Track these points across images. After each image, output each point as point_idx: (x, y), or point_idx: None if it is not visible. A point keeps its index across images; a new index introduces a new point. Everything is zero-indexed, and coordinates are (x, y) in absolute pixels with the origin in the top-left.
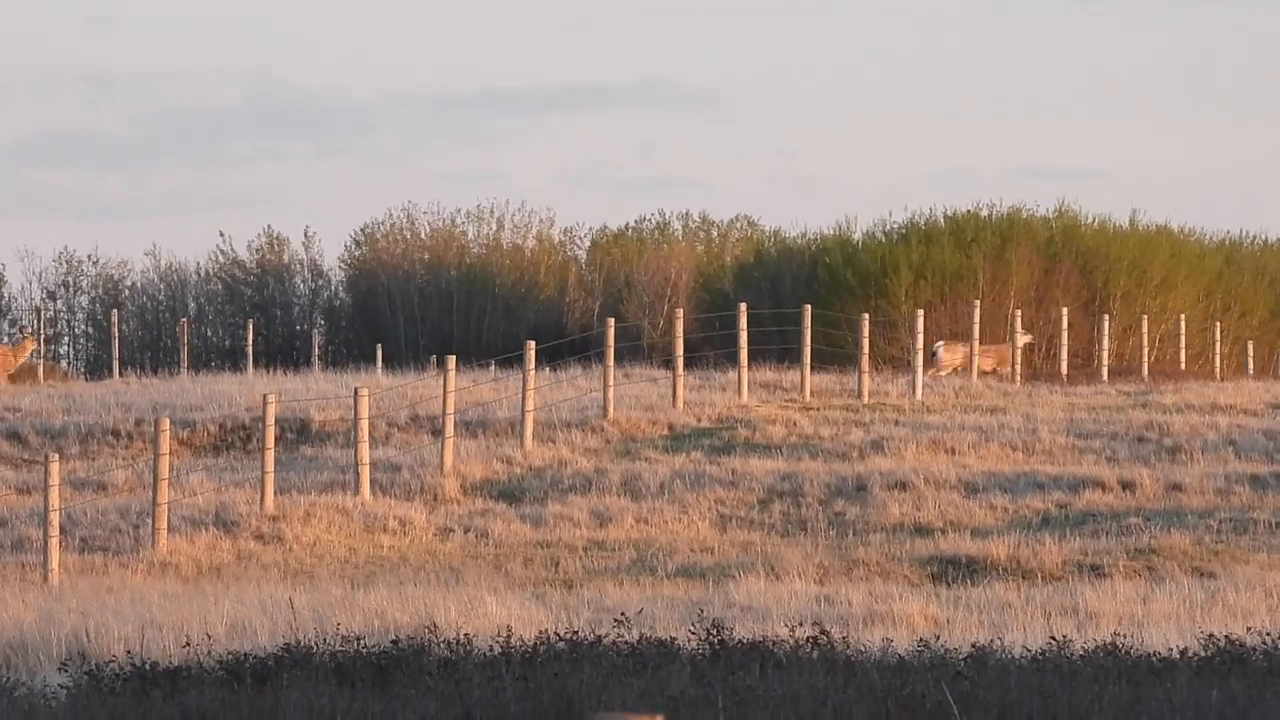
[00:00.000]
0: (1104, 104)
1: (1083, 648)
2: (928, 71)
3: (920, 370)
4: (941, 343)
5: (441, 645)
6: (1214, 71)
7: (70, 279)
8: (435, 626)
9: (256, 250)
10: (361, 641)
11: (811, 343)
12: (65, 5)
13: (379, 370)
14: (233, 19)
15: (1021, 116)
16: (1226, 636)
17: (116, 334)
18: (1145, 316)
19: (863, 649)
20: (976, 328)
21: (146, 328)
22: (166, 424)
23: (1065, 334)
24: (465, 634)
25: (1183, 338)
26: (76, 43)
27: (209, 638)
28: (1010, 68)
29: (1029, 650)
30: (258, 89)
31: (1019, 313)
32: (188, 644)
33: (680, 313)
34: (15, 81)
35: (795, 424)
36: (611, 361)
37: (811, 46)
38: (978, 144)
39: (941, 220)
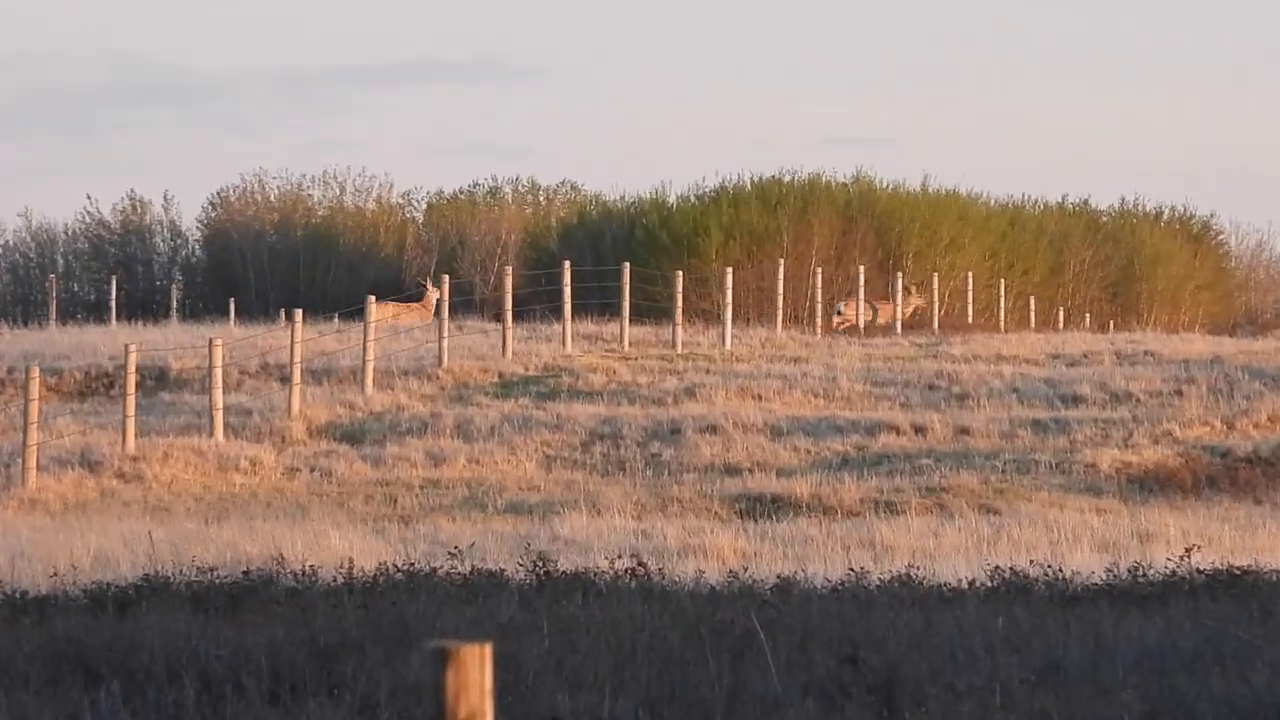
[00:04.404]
0: (899, 75)
1: (879, 578)
2: (733, 45)
3: (729, 323)
4: None
5: (289, 576)
6: (1003, 42)
7: None
8: (283, 558)
9: (120, 212)
10: (215, 572)
11: (630, 298)
12: None
13: (232, 322)
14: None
15: (823, 88)
16: (1011, 568)
17: None
18: (936, 274)
19: (677, 579)
20: (781, 283)
21: (18, 283)
22: (36, 372)
23: (863, 290)
24: (311, 565)
25: (970, 293)
26: None
27: (74, 568)
28: (812, 42)
29: (829, 580)
30: (124, 65)
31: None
32: (55, 574)
33: (510, 270)
34: None
35: (615, 372)
36: (446, 315)
37: (628, 21)
38: (783, 114)
39: (749, 185)
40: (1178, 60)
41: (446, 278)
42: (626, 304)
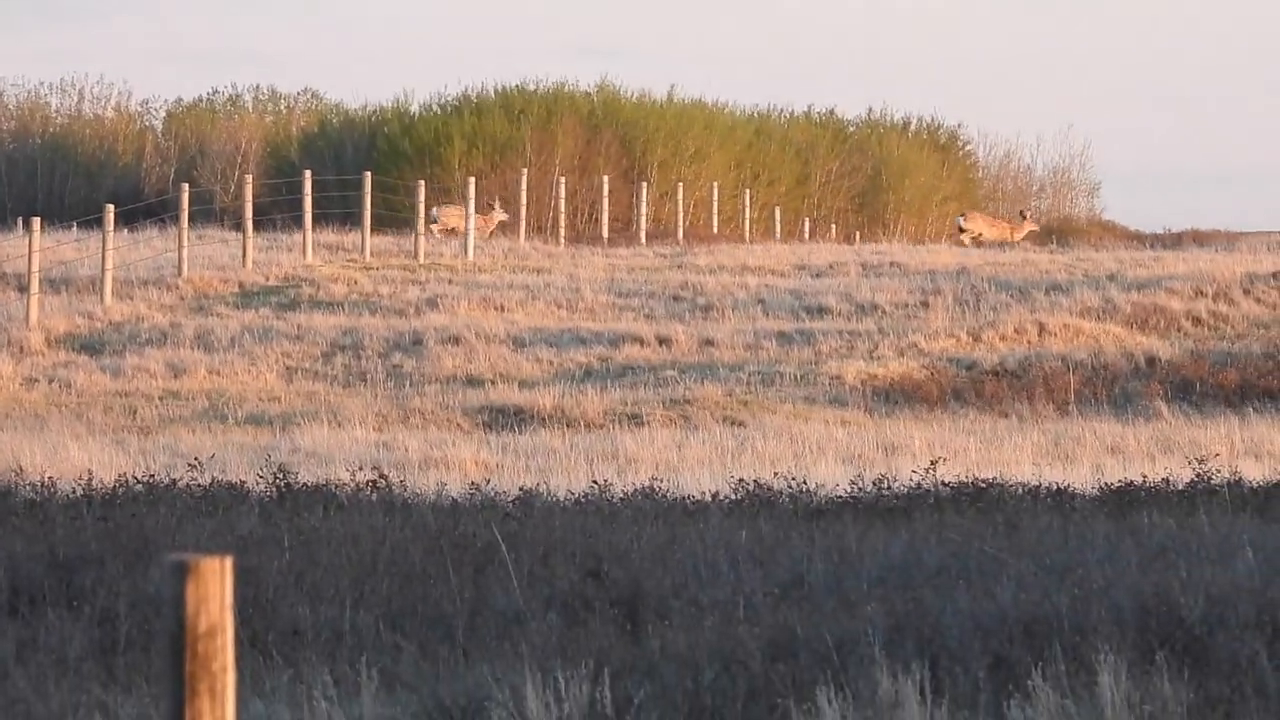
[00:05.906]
0: None
1: (622, 491)
2: None
3: (472, 232)
4: None
5: (27, 488)
6: None
7: None
8: (21, 470)
9: None
10: None
11: (372, 207)
12: None
13: None
14: None
15: None
16: (755, 481)
17: None
18: (681, 184)
19: (419, 492)
20: (524, 193)
21: None
22: None
23: (606, 200)
24: (49, 477)
25: (715, 204)
26: None
27: None
28: None
29: (572, 493)
30: None
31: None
32: None
33: (250, 179)
34: None
35: (356, 282)
36: (185, 224)
37: None
38: (528, 23)
39: (492, 94)
40: None
41: (186, 186)
42: (368, 214)
